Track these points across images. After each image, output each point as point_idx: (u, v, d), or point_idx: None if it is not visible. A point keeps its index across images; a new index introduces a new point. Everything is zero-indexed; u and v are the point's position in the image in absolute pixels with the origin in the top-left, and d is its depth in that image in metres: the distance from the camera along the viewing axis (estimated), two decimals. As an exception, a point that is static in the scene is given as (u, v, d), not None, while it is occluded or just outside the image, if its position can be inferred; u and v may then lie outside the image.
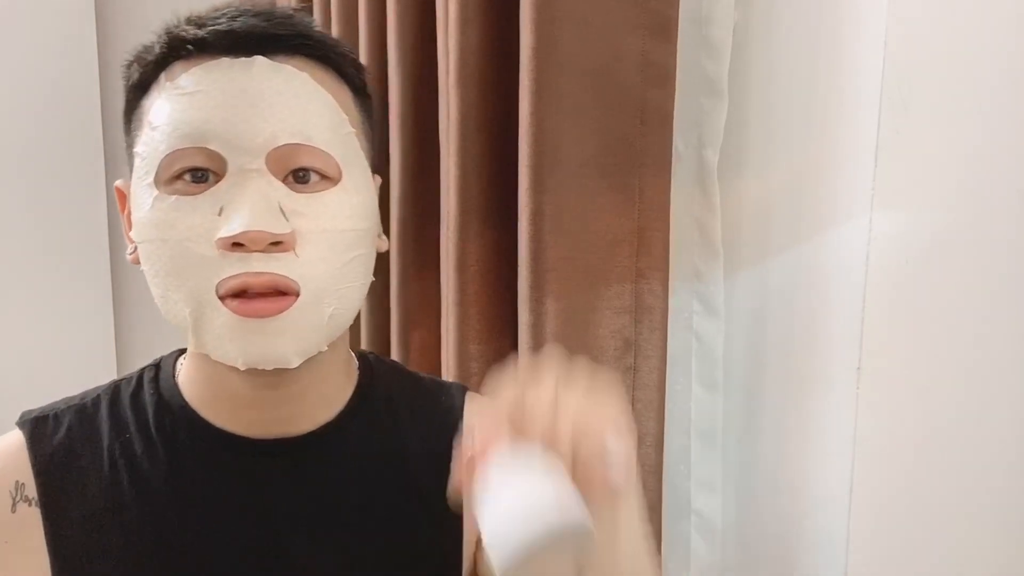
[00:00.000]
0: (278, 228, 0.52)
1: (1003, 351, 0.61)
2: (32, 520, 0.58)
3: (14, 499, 0.58)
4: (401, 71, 0.96)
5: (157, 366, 0.65)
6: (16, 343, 1.75)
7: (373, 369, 0.69)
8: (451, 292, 0.86)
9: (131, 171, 0.59)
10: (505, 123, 0.80)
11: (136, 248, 0.58)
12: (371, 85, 0.64)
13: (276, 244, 0.53)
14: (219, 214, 0.52)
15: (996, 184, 0.59)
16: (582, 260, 0.73)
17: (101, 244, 1.79)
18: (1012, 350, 0.60)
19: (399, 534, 0.64)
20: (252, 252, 0.52)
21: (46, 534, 0.58)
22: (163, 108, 0.54)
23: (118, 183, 0.61)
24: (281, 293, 0.53)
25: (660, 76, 0.71)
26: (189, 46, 0.55)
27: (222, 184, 0.53)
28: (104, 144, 1.75)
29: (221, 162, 0.53)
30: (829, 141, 0.68)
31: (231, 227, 0.52)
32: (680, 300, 0.80)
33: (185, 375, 0.63)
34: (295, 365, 0.55)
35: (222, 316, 0.53)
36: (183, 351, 0.66)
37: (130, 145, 0.59)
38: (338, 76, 0.60)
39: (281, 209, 0.53)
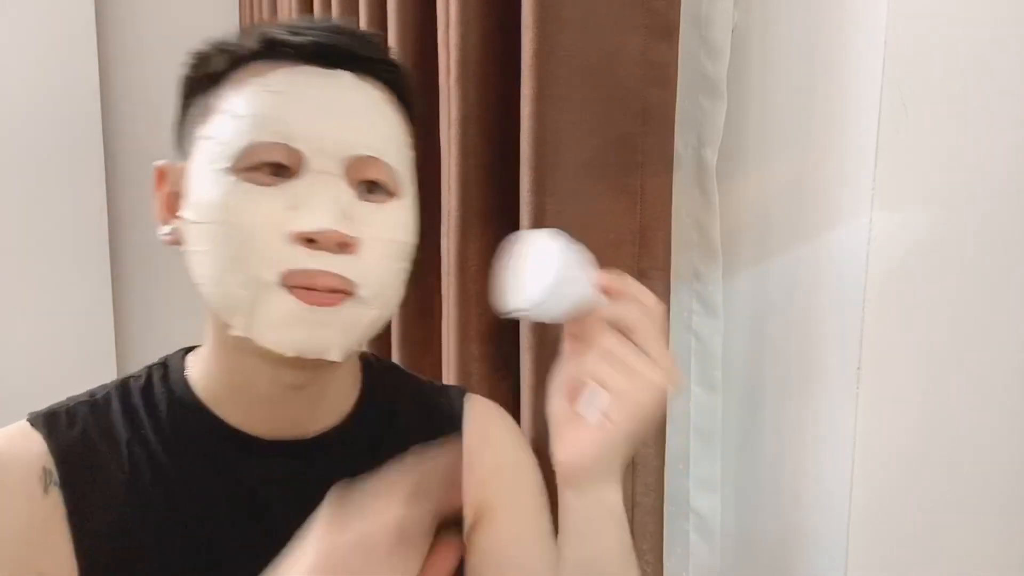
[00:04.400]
0: (350, 231, 0.55)
1: (1003, 351, 0.61)
2: (59, 502, 0.59)
3: (45, 483, 0.59)
4: (401, 71, 0.96)
5: (165, 365, 0.66)
6: (16, 342, 1.75)
7: (376, 372, 0.71)
8: (452, 292, 0.86)
9: (184, 153, 0.61)
10: (506, 123, 0.80)
11: (173, 230, 0.60)
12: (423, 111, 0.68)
13: (343, 246, 0.55)
14: (292, 208, 0.55)
15: (996, 184, 0.59)
16: (583, 260, 0.73)
17: (101, 242, 1.79)
18: (1012, 350, 0.60)
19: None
20: (321, 250, 0.55)
21: (68, 519, 0.58)
22: (248, 100, 0.57)
23: (160, 163, 0.63)
24: (339, 290, 0.56)
25: (661, 76, 0.71)
26: (287, 50, 0.58)
27: (297, 181, 0.56)
28: (104, 143, 1.75)
29: (301, 160, 0.56)
30: (829, 141, 0.68)
31: (309, 222, 0.54)
32: (679, 300, 0.80)
33: (199, 372, 0.64)
34: (337, 359, 0.58)
35: (285, 303, 0.55)
36: (188, 349, 0.67)
37: (188, 128, 0.61)
38: (401, 100, 0.63)
39: (350, 215, 0.56)
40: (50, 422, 0.61)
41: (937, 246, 0.62)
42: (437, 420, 0.70)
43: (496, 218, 0.83)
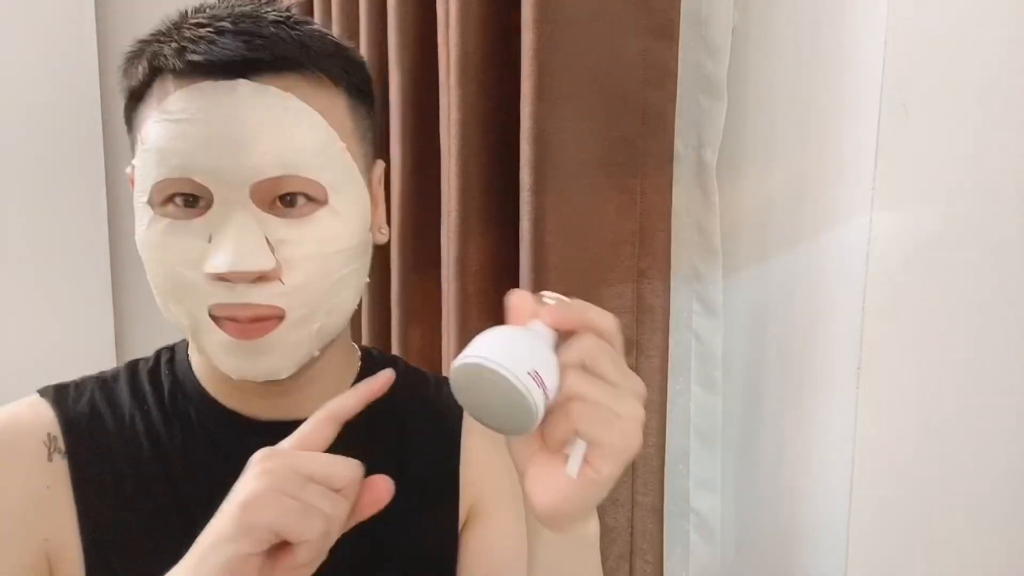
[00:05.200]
0: (262, 265, 0.53)
1: (1003, 351, 0.61)
2: (64, 470, 0.60)
3: (49, 449, 0.60)
4: (401, 71, 0.97)
5: (172, 349, 0.68)
6: (16, 341, 1.75)
7: (375, 362, 0.71)
8: (452, 292, 0.86)
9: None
10: (506, 123, 0.80)
11: None
12: (371, 78, 0.63)
13: (260, 279, 0.54)
14: (209, 241, 0.54)
15: (996, 184, 0.59)
16: (583, 260, 0.73)
17: (101, 242, 1.79)
18: (1012, 350, 0.60)
19: (397, 519, 0.65)
20: (241, 282, 0.54)
21: (73, 487, 0.59)
22: (153, 130, 0.55)
23: (129, 170, 0.62)
24: (263, 318, 0.55)
25: (661, 77, 0.71)
26: (175, 70, 0.55)
27: (212, 211, 0.54)
28: (104, 143, 1.75)
29: (208, 193, 0.54)
30: (829, 141, 0.68)
31: (216, 263, 0.53)
32: (679, 300, 0.80)
33: (198, 358, 0.65)
34: (286, 376, 0.58)
35: (216, 335, 0.56)
36: None
37: (132, 147, 0.60)
38: (331, 82, 0.58)
39: (267, 241, 0.54)
40: (59, 394, 0.63)
41: (937, 246, 0.62)
42: (436, 409, 0.70)
43: (496, 218, 0.83)
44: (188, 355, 0.66)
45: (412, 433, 0.68)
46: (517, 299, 0.49)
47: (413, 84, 0.96)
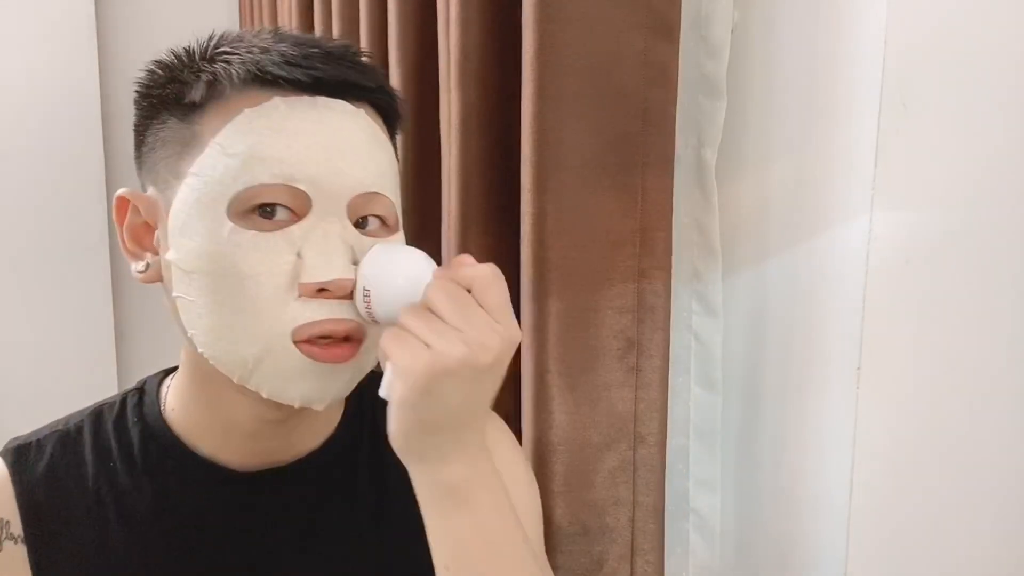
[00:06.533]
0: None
1: (1003, 351, 0.61)
2: (18, 557, 0.57)
3: (0, 537, 0.57)
4: (401, 71, 0.97)
5: (141, 391, 0.64)
6: (16, 343, 1.75)
7: (360, 388, 0.68)
8: (452, 292, 0.86)
9: (157, 182, 0.56)
10: (506, 123, 0.80)
11: (148, 266, 0.56)
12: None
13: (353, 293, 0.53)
14: (298, 256, 0.51)
15: (997, 184, 0.59)
16: (584, 260, 0.73)
17: (101, 243, 1.79)
18: (1012, 350, 0.60)
19: (383, 555, 0.64)
20: (332, 298, 0.52)
21: (32, 570, 0.57)
22: (243, 137, 0.52)
23: (124, 192, 0.58)
24: (350, 338, 0.53)
25: (662, 76, 0.71)
26: (280, 81, 0.53)
27: (301, 224, 0.52)
28: (104, 147, 1.75)
29: (304, 202, 0.52)
30: (829, 141, 0.68)
31: (320, 273, 0.51)
32: (679, 300, 0.80)
33: (175, 400, 0.61)
34: (338, 401, 0.57)
35: (294, 359, 0.52)
36: (168, 372, 0.64)
37: (162, 155, 0.55)
38: (388, 127, 0.60)
39: (356, 256, 0.53)
40: (19, 458, 0.59)
41: (937, 246, 0.62)
42: None
43: (496, 218, 0.83)
44: (159, 395, 0.62)
45: (396, 461, 0.66)
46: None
47: (413, 84, 0.96)
